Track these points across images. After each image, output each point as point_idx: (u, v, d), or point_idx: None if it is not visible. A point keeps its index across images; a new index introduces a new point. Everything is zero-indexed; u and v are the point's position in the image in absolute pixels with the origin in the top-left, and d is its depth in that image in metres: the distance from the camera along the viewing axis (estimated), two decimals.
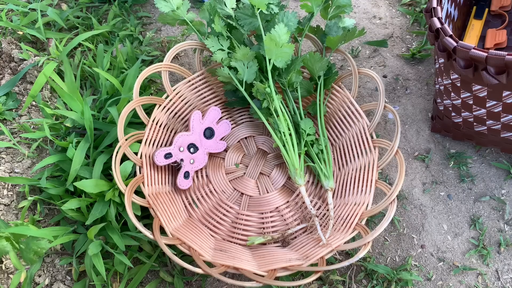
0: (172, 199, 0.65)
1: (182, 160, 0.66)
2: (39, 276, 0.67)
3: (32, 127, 0.78)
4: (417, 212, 0.68)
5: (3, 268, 0.67)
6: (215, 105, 0.74)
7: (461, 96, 0.60)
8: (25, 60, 0.86)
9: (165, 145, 0.68)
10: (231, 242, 0.65)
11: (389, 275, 0.63)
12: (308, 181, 0.70)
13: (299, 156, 0.66)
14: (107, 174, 0.69)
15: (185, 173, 0.66)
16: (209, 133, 0.69)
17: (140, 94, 0.77)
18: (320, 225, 0.62)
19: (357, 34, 0.66)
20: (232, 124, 0.74)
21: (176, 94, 0.70)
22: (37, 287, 0.66)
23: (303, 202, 0.67)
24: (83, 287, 0.65)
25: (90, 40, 0.87)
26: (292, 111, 0.69)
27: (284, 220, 0.67)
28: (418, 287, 0.63)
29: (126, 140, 0.62)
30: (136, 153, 0.64)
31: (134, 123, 0.73)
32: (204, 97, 0.73)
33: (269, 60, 0.62)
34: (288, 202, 0.69)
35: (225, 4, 0.65)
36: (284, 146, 0.65)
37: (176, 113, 0.70)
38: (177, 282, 0.64)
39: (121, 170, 0.64)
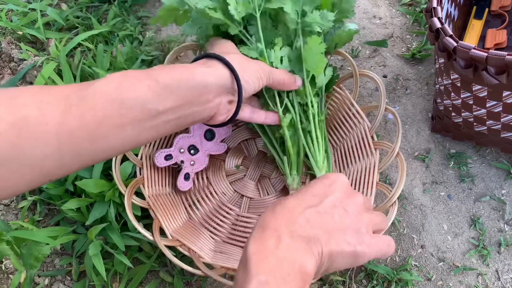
0: (172, 201, 0.65)
1: (182, 161, 0.66)
2: (39, 276, 0.67)
3: None
4: (417, 212, 0.68)
5: (3, 268, 0.67)
6: None
7: (461, 96, 0.60)
8: (25, 60, 0.86)
9: (165, 147, 0.68)
10: (231, 244, 0.65)
11: (389, 275, 0.63)
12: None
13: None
14: (107, 174, 0.69)
15: (185, 174, 0.66)
16: (209, 135, 0.68)
17: None
18: None
19: (347, 37, 0.66)
20: (232, 126, 0.74)
21: None
22: (37, 287, 0.66)
23: None
24: (83, 287, 0.65)
25: (90, 40, 0.87)
26: None
27: None
28: (418, 287, 0.63)
29: None
30: (136, 154, 0.64)
31: None
32: None
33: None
34: None
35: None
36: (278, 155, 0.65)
37: None
38: (177, 282, 0.64)
39: (121, 171, 0.64)
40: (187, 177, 0.66)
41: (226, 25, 0.58)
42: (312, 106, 0.61)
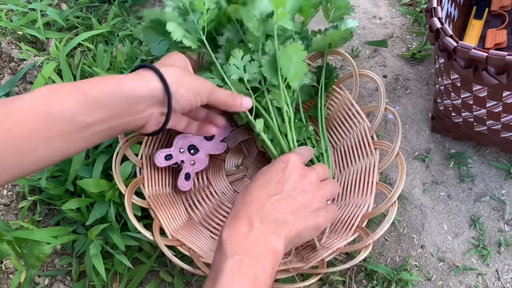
0: (172, 201, 0.65)
1: (182, 161, 0.65)
2: (39, 276, 0.67)
3: None
4: (417, 212, 0.68)
5: (3, 268, 0.67)
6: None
7: (461, 96, 0.60)
8: (25, 60, 0.86)
9: (165, 147, 0.68)
10: None
11: (389, 275, 0.63)
12: None
13: None
14: (107, 174, 0.69)
15: (186, 174, 0.66)
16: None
17: None
18: None
19: (342, 37, 0.65)
20: (232, 126, 0.74)
21: None
22: (37, 287, 0.66)
23: None
24: (83, 287, 0.65)
25: (90, 40, 0.87)
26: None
27: None
28: (418, 287, 0.63)
29: (126, 141, 0.61)
30: (136, 154, 0.64)
31: None
32: None
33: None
34: None
35: None
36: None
37: None
38: (177, 282, 0.64)
39: (121, 171, 0.64)
40: (187, 177, 0.66)
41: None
42: (288, 110, 0.60)
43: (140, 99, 0.47)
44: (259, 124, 0.59)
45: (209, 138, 0.69)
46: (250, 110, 0.59)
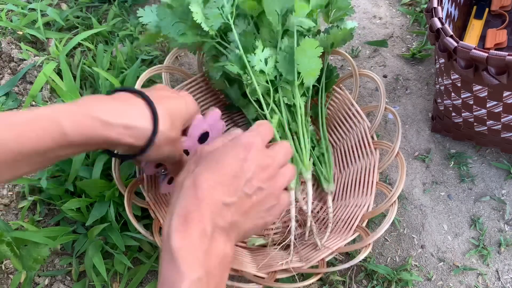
0: None
1: (164, 170, 0.60)
2: (39, 276, 0.67)
3: None
4: (417, 212, 0.68)
5: (3, 268, 0.67)
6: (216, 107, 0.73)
7: (462, 96, 0.60)
8: (25, 60, 0.86)
9: None
10: None
11: (389, 275, 0.63)
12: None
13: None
14: (107, 174, 0.69)
15: (169, 179, 0.60)
16: (203, 138, 0.66)
17: None
18: (320, 228, 0.62)
19: (345, 37, 0.65)
20: (232, 126, 0.73)
21: None
22: (37, 287, 0.66)
23: (301, 208, 0.64)
24: (83, 287, 0.65)
25: (90, 40, 0.87)
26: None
27: (285, 222, 0.67)
28: (418, 287, 0.63)
29: None
30: None
31: None
32: (205, 99, 0.73)
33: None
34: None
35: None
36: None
37: None
38: None
39: (121, 171, 0.64)
40: (170, 181, 0.60)
41: (203, 41, 0.58)
42: (300, 108, 0.60)
43: (120, 146, 0.46)
44: (275, 119, 0.59)
45: (203, 141, 0.66)
46: (267, 105, 0.59)
